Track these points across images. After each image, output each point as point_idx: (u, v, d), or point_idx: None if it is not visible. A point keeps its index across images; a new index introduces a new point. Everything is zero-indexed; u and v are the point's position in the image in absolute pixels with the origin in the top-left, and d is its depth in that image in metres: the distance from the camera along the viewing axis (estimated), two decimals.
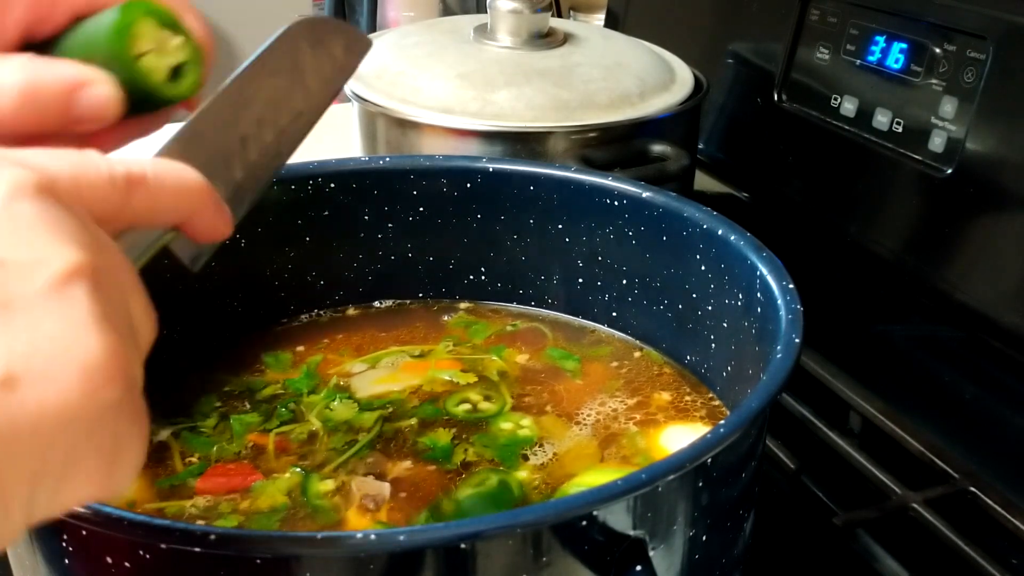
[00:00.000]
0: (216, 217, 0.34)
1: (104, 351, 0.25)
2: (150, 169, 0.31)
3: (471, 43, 0.83)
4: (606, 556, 0.38)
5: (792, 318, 0.46)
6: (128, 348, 0.27)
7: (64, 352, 0.25)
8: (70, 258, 0.26)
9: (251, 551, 0.34)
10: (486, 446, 0.54)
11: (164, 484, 0.52)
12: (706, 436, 0.39)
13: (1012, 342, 0.65)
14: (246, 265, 0.63)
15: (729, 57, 0.93)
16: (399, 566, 0.35)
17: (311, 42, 0.41)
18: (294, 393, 0.59)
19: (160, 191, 0.31)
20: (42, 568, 0.39)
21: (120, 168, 0.29)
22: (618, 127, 0.77)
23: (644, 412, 0.57)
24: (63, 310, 0.25)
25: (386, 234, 0.65)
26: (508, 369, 0.61)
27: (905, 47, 0.73)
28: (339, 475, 0.52)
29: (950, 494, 0.58)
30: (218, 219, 0.34)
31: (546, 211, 0.62)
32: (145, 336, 0.29)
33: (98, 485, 0.27)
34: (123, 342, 0.26)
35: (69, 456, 0.25)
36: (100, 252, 0.27)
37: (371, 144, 0.82)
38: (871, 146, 0.75)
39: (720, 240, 0.54)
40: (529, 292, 0.66)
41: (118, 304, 0.27)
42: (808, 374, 0.68)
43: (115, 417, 0.26)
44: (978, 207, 0.67)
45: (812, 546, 0.59)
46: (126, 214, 0.30)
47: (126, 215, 0.30)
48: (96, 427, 0.26)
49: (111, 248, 0.28)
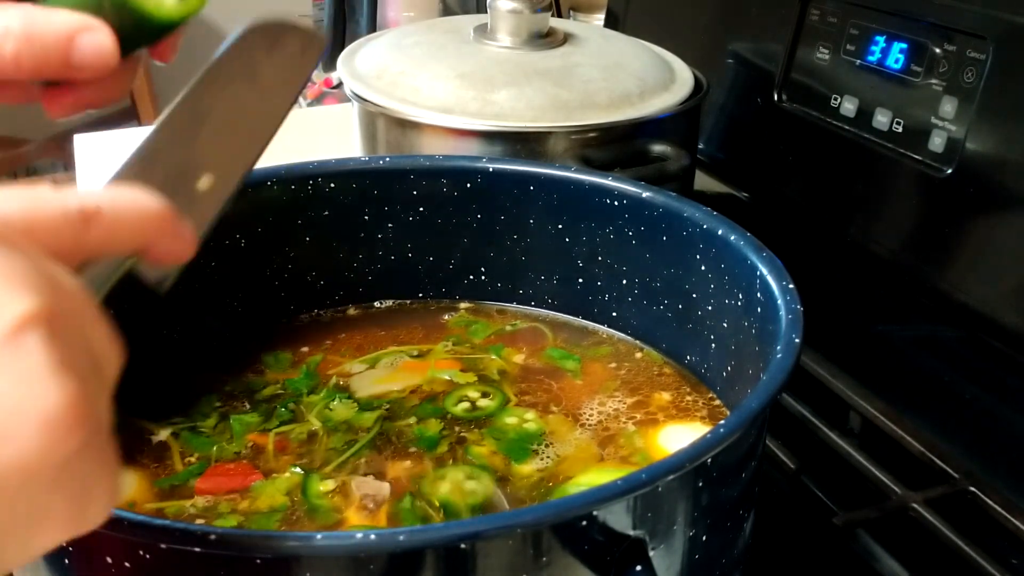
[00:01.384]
0: (177, 240, 0.33)
1: (63, 400, 0.25)
2: (105, 200, 0.30)
3: (471, 43, 0.83)
4: (606, 556, 0.38)
5: (792, 318, 0.46)
6: (91, 389, 0.26)
7: (21, 407, 0.24)
8: (22, 307, 0.25)
9: (251, 551, 0.34)
10: (497, 439, 0.54)
11: (164, 484, 0.52)
12: (706, 436, 0.39)
13: (1012, 342, 0.65)
14: (246, 265, 0.63)
15: (729, 57, 0.93)
16: (399, 566, 0.35)
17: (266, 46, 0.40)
18: (294, 393, 0.59)
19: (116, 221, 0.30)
20: (42, 568, 0.39)
21: (74, 202, 0.29)
22: (618, 127, 0.77)
23: (644, 412, 0.57)
24: (17, 362, 0.24)
25: (386, 234, 0.65)
26: (508, 368, 0.61)
27: (905, 47, 0.73)
28: (339, 475, 0.52)
29: (950, 494, 0.58)
30: (180, 242, 0.33)
31: (546, 211, 0.62)
32: (110, 369, 0.28)
33: (70, 527, 0.26)
34: (84, 385, 0.26)
35: (36, 507, 0.25)
36: (55, 293, 0.26)
37: (371, 144, 0.82)
38: (871, 146, 0.75)
39: (720, 240, 0.54)
40: (529, 292, 0.66)
41: (77, 344, 0.26)
42: (808, 374, 0.68)
43: (81, 461, 0.26)
44: (978, 207, 0.67)
45: (812, 546, 0.59)
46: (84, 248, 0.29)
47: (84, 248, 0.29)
48: (61, 476, 0.25)
49: (67, 286, 0.27)
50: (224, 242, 0.61)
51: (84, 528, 0.27)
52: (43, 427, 0.24)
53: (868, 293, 0.78)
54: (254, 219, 0.62)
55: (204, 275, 0.61)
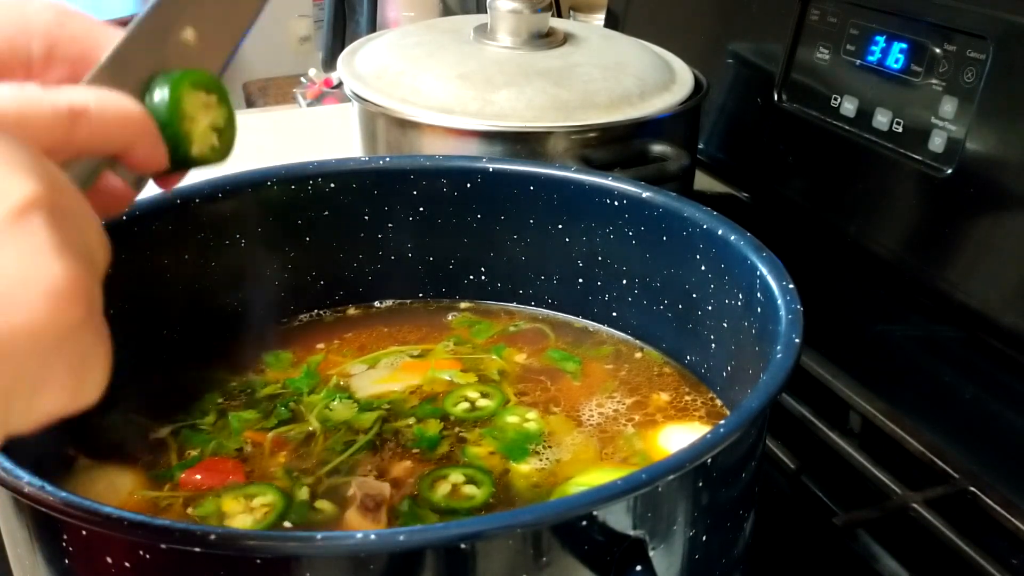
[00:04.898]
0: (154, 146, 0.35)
1: (66, 275, 0.27)
2: (92, 101, 0.32)
3: (471, 43, 0.83)
4: (606, 556, 0.38)
5: (792, 318, 0.46)
6: (87, 271, 0.28)
7: (28, 277, 0.26)
8: (27, 189, 0.27)
9: (251, 551, 0.34)
10: (496, 438, 0.54)
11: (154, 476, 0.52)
12: (706, 436, 0.39)
13: (1012, 342, 0.65)
14: (246, 265, 0.63)
15: (729, 57, 0.93)
16: (399, 566, 0.35)
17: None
18: (294, 393, 0.59)
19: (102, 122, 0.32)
20: (42, 568, 0.39)
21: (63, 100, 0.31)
22: (618, 127, 0.77)
23: (643, 412, 0.57)
24: (24, 239, 0.26)
25: (386, 234, 0.65)
26: (508, 368, 0.61)
27: (905, 47, 0.73)
28: (337, 476, 0.52)
29: (950, 494, 0.58)
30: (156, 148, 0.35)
31: (546, 211, 0.62)
32: (101, 260, 0.30)
33: (69, 396, 0.28)
34: (82, 266, 0.28)
35: (40, 371, 0.27)
36: (53, 183, 0.28)
37: (371, 144, 0.82)
38: (871, 146, 0.75)
39: (720, 240, 0.54)
40: (529, 292, 0.66)
41: (74, 231, 0.28)
42: (808, 374, 0.68)
43: (80, 334, 0.28)
44: (978, 207, 0.67)
45: (812, 546, 0.59)
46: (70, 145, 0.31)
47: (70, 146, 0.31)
48: (63, 344, 0.27)
49: (62, 178, 0.29)
50: (224, 242, 0.61)
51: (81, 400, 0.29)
52: (48, 296, 0.27)
53: (868, 293, 0.78)
54: (254, 219, 0.62)
55: (204, 275, 0.61)
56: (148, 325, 0.59)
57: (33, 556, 0.40)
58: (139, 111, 0.34)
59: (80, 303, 0.27)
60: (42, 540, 0.39)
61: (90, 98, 0.32)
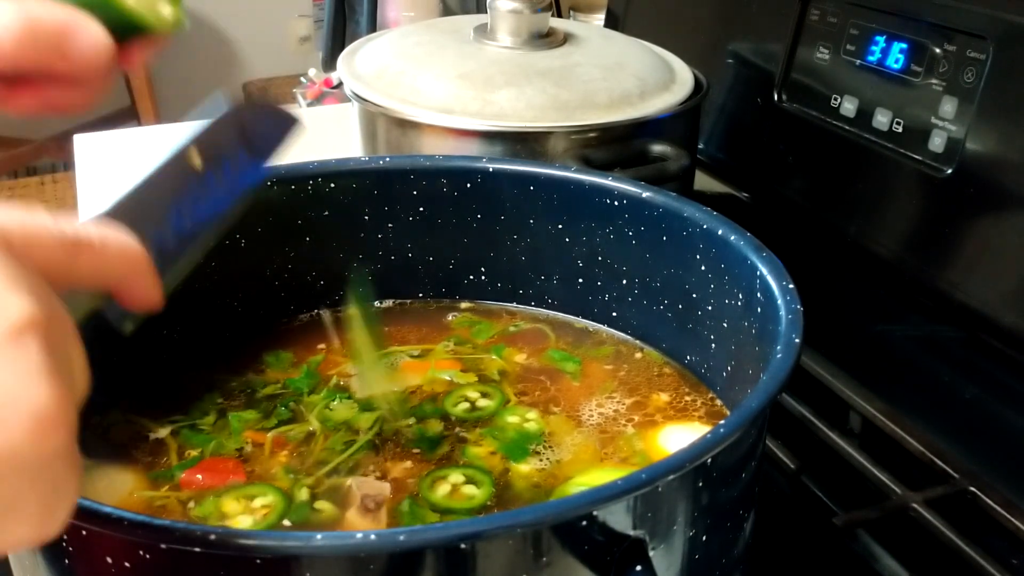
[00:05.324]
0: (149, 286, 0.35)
1: (52, 400, 0.27)
2: (96, 234, 0.32)
3: (471, 43, 0.83)
4: (606, 556, 0.38)
5: (792, 318, 0.46)
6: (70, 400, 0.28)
7: (16, 400, 0.26)
8: (26, 310, 0.27)
9: (251, 551, 0.34)
10: (496, 438, 0.54)
11: (152, 477, 0.52)
12: (706, 436, 0.39)
13: (1012, 342, 0.65)
14: (246, 265, 0.63)
15: (729, 57, 0.93)
16: (399, 566, 0.35)
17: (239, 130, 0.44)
18: (294, 392, 0.59)
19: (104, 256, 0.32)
20: (42, 568, 0.39)
21: (70, 230, 0.31)
22: (618, 127, 0.77)
23: (643, 412, 0.57)
24: (18, 359, 0.26)
25: (386, 234, 0.65)
26: (508, 368, 0.61)
27: (905, 47, 0.73)
28: (337, 476, 0.52)
29: (950, 494, 0.58)
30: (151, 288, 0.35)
31: (546, 211, 0.62)
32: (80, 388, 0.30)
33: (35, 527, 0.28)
34: (67, 393, 0.27)
35: (12, 499, 0.26)
36: (51, 308, 0.28)
37: (371, 144, 0.82)
38: (871, 146, 0.75)
39: (720, 240, 0.54)
40: (529, 292, 0.66)
41: (63, 357, 0.28)
42: (808, 374, 0.68)
43: (56, 464, 0.27)
44: (978, 207, 0.67)
45: (812, 546, 0.59)
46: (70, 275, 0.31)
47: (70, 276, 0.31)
48: (39, 473, 0.27)
49: (58, 305, 0.29)
50: (224, 242, 0.61)
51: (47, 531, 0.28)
52: (33, 421, 0.26)
53: (868, 293, 0.78)
54: (254, 219, 0.62)
55: (204, 275, 0.61)
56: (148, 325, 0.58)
57: (33, 556, 0.40)
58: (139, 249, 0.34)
59: (62, 430, 0.27)
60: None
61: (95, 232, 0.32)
